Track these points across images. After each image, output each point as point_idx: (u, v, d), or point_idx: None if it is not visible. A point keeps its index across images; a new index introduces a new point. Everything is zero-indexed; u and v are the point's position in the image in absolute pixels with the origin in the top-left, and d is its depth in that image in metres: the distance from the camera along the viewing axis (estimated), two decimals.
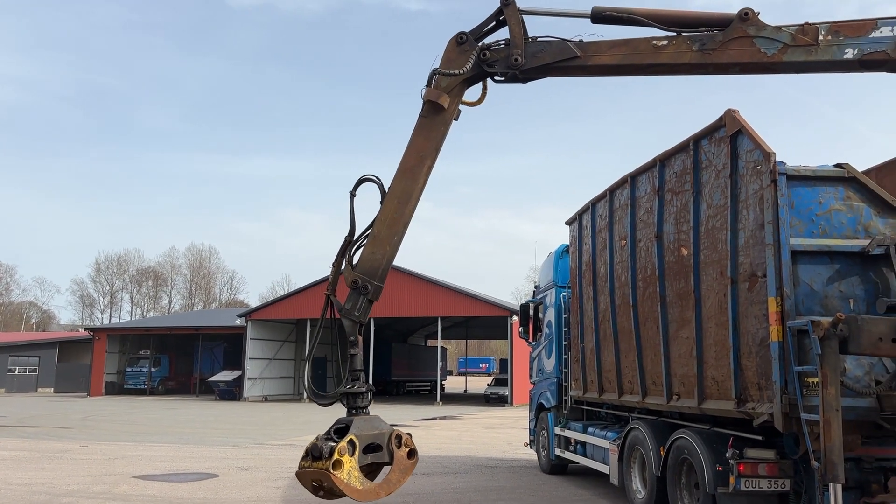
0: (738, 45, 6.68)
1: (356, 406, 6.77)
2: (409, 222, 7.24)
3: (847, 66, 6.54)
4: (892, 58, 6.33)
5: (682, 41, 6.84)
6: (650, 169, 8.90)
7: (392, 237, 7.09)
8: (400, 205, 7.12)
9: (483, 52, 7.15)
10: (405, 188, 7.14)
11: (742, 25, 6.66)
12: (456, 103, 7.26)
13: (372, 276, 6.98)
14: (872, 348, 5.28)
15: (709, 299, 7.42)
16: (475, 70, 7.18)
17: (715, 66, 6.82)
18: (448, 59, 7.23)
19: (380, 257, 7.06)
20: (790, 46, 6.56)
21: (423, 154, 7.19)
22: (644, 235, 9.05)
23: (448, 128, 7.29)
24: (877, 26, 6.41)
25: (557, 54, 7.05)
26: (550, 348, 13.41)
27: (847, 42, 6.44)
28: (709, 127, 7.47)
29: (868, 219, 6.41)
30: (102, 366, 49.05)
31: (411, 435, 6.95)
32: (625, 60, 6.97)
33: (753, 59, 6.67)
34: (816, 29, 6.52)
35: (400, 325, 52.90)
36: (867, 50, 6.39)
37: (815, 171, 6.50)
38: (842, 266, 6.30)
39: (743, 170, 6.84)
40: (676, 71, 7.09)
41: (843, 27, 6.49)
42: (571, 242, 12.35)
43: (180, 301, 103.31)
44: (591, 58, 7.04)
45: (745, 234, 6.77)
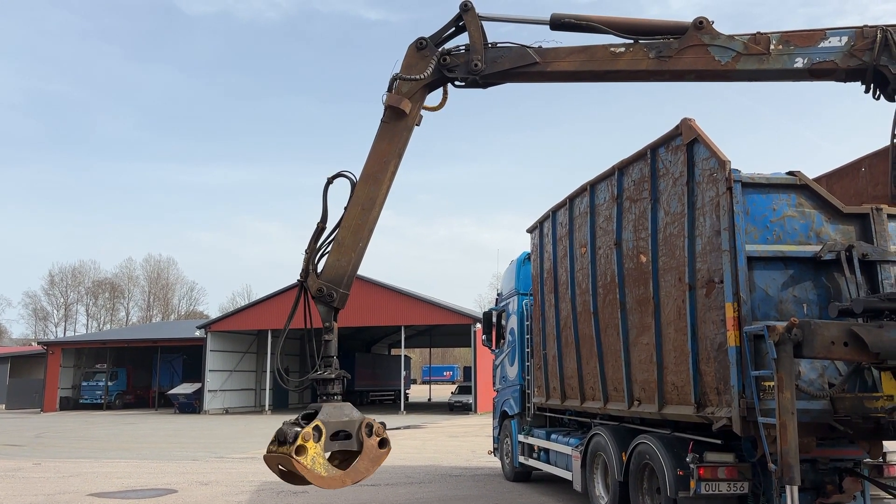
0: (693, 53, 6.80)
1: (327, 392, 6.73)
2: (374, 228, 7.24)
3: (797, 74, 6.69)
4: (839, 67, 6.50)
5: (639, 48, 6.94)
6: (609, 177, 8.99)
7: (357, 244, 7.09)
8: (364, 211, 7.12)
9: (443, 58, 7.18)
10: (369, 194, 7.14)
11: (697, 34, 6.78)
12: (417, 108, 7.27)
13: (337, 284, 6.97)
14: (826, 352, 5.38)
15: (668, 305, 7.51)
16: (436, 75, 7.20)
17: (671, 73, 6.93)
18: (408, 65, 7.24)
19: (345, 264, 7.04)
20: (743, 55, 6.70)
21: (386, 159, 7.19)
22: (604, 243, 9.13)
23: (410, 133, 7.30)
24: (825, 37, 6.58)
25: (517, 60, 7.11)
26: (513, 356, 13.44)
27: (797, 51, 6.60)
28: (665, 136, 7.57)
29: (820, 225, 6.56)
30: (57, 380, 47.70)
31: (384, 424, 6.84)
32: (583, 67, 7.04)
33: (708, 67, 6.80)
34: (768, 38, 6.67)
35: (363, 334, 52.59)
36: (816, 59, 6.55)
37: (769, 179, 6.63)
38: (795, 271, 6.43)
39: (699, 177, 6.95)
40: (634, 77, 7.18)
41: (793, 37, 6.64)
42: (533, 250, 12.41)
43: (138, 313, 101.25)
44: (549, 64, 7.09)
45: (702, 240, 6.87)
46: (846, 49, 6.55)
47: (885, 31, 6.39)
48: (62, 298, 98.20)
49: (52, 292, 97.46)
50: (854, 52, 6.51)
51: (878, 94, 6.80)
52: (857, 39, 6.55)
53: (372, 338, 57.32)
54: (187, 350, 49.43)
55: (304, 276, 7.07)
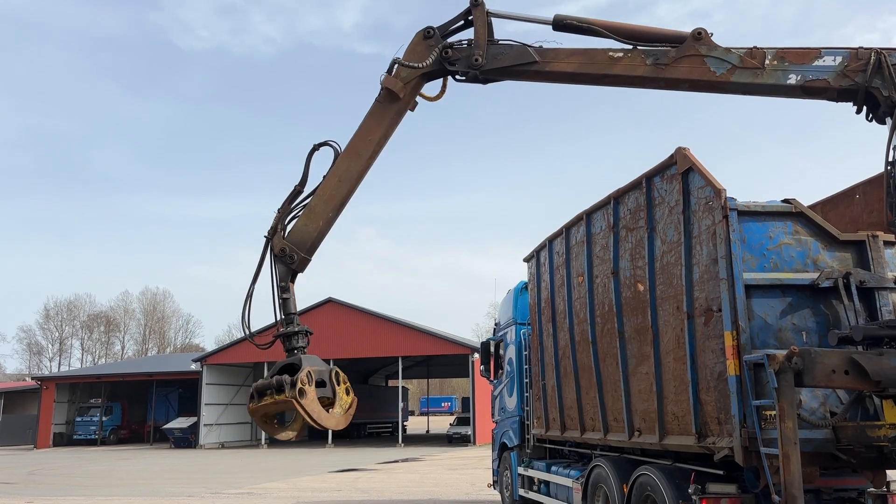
0: (689, 63, 6.85)
1: (294, 347, 7.03)
2: (347, 203, 7.41)
3: (790, 91, 6.72)
4: (832, 86, 6.53)
5: (636, 54, 7.00)
6: (605, 206, 9.01)
7: (327, 213, 7.26)
8: (340, 183, 7.29)
9: (445, 50, 7.29)
10: (348, 168, 7.31)
11: (695, 44, 6.84)
12: (413, 95, 7.40)
13: (300, 248, 7.15)
14: (826, 380, 5.34)
15: (666, 334, 7.47)
16: (436, 66, 7.30)
17: (666, 80, 6.97)
18: (412, 51, 7.36)
19: (311, 231, 7.22)
20: (738, 68, 6.74)
21: (371, 138, 7.35)
22: (601, 272, 9.12)
23: (401, 117, 7.44)
24: (820, 55, 6.62)
25: (517, 58, 7.20)
26: (512, 386, 13.34)
27: (791, 68, 6.64)
28: (660, 164, 7.61)
29: (816, 252, 6.56)
30: (50, 416, 47.20)
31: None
32: (581, 69, 7.12)
33: (703, 77, 6.84)
34: (764, 53, 6.71)
35: (360, 365, 52.23)
36: (809, 77, 6.59)
37: (765, 207, 6.64)
38: (794, 299, 6.41)
39: (695, 206, 6.96)
40: (630, 83, 7.21)
41: (788, 53, 6.69)
42: (530, 279, 12.38)
43: (133, 346, 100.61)
44: (548, 64, 7.17)
45: (700, 269, 6.86)
46: (840, 69, 6.58)
47: (880, 54, 6.43)
48: (57, 332, 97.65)
49: (47, 326, 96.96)
50: (847, 73, 6.54)
51: (870, 116, 6.83)
52: (851, 60, 6.58)
53: (369, 369, 56.93)
54: (183, 383, 49.01)
55: (271, 234, 7.27)
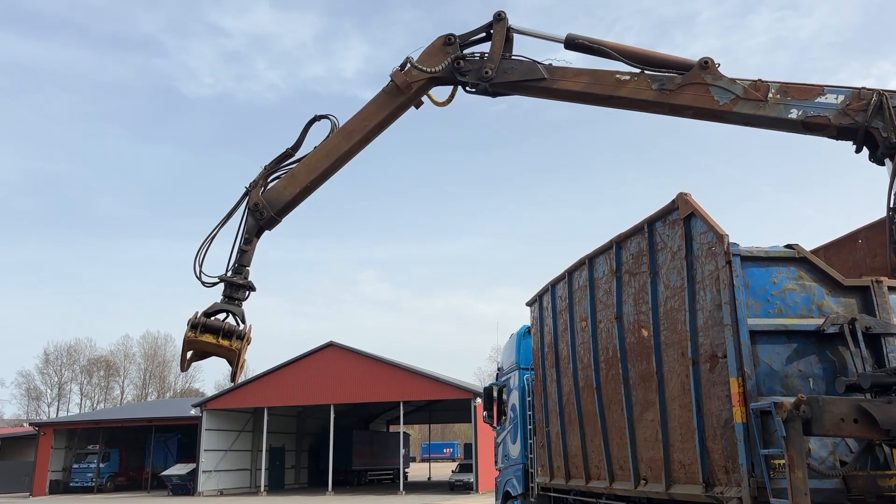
0: (693, 91, 6.90)
1: (234, 296, 7.46)
2: (328, 178, 7.69)
3: (791, 125, 6.74)
4: (832, 124, 6.55)
5: (643, 78, 7.05)
6: (607, 251, 9.01)
7: (306, 181, 7.57)
8: (326, 157, 7.59)
9: (457, 61, 7.44)
10: (337, 145, 7.61)
11: (701, 73, 6.90)
12: (419, 95, 7.60)
13: (272, 207, 7.49)
14: (835, 429, 5.26)
15: (671, 381, 7.40)
16: (445, 73, 7.46)
17: (670, 106, 7.01)
18: (428, 54, 7.53)
19: (287, 194, 7.55)
20: (741, 99, 6.78)
21: (367, 123, 7.59)
22: (604, 317, 9.07)
23: (402, 112, 7.66)
24: (823, 93, 6.66)
25: (526, 73, 7.33)
26: (515, 433, 13.16)
27: (794, 103, 6.67)
28: (662, 210, 7.63)
29: (821, 298, 6.53)
30: (47, 463, 46.54)
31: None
32: (588, 89, 7.20)
33: (706, 106, 6.88)
34: (768, 86, 6.76)
35: (361, 410, 51.71)
36: (811, 113, 6.62)
37: (768, 252, 6.63)
38: (799, 345, 6.35)
39: (698, 251, 6.96)
40: (634, 106, 7.27)
41: (792, 88, 6.72)
42: (533, 324, 12.32)
43: (133, 391, 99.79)
44: (556, 81, 7.27)
45: (704, 314, 6.82)
46: (841, 107, 6.61)
47: (882, 95, 6.45)
48: (56, 377, 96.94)
49: (47, 371, 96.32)
50: (848, 111, 6.56)
51: (872, 157, 6.83)
52: (853, 99, 6.61)
53: (369, 414, 56.31)
54: (182, 429, 48.43)
55: (251, 187, 7.60)
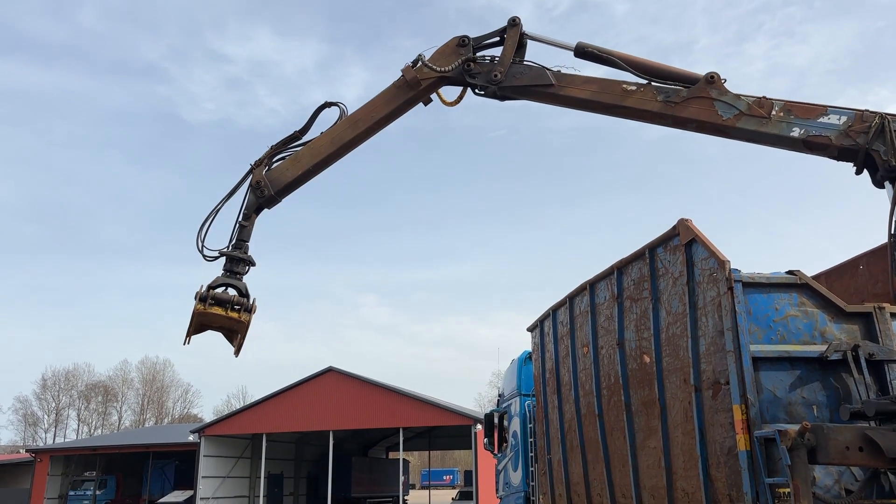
0: (698, 104, 6.94)
1: (234, 270, 7.65)
2: (330, 164, 7.88)
3: (792, 143, 6.75)
4: (833, 144, 6.56)
5: (649, 90, 7.11)
6: (608, 276, 9.00)
7: (308, 165, 7.79)
8: (331, 143, 7.79)
9: (468, 63, 7.56)
10: (342, 133, 7.80)
11: (706, 87, 6.95)
12: (428, 92, 7.76)
13: (274, 186, 7.73)
14: (840, 457, 5.21)
15: (674, 407, 7.35)
16: (455, 74, 7.59)
17: (674, 118, 7.05)
18: (440, 54, 7.67)
19: (289, 175, 7.77)
20: (745, 115, 6.81)
21: (374, 115, 7.75)
22: (606, 342, 9.04)
23: (409, 107, 7.84)
24: (826, 113, 6.67)
25: (535, 79, 7.41)
26: (517, 460, 13.05)
27: (796, 121, 6.70)
28: (663, 236, 7.64)
29: (823, 324, 6.51)
30: (43, 490, 46.01)
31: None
32: (594, 97, 7.26)
33: (709, 120, 6.92)
34: (772, 104, 6.79)
35: (360, 437, 51.31)
36: (813, 132, 6.63)
37: (770, 279, 6.63)
38: (802, 372, 6.33)
39: (699, 277, 6.95)
40: (639, 117, 7.30)
41: (795, 107, 6.75)
42: (534, 349, 12.27)
43: (131, 417, 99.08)
44: (564, 88, 7.35)
45: (706, 341, 6.80)
46: (843, 128, 6.61)
47: (885, 118, 6.47)
48: (53, 403, 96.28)
49: (44, 396, 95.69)
50: (850, 133, 6.56)
51: (872, 179, 6.83)
52: (855, 121, 6.63)
53: (369, 440, 55.87)
54: (180, 455, 47.99)
55: (255, 164, 7.84)
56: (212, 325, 7.58)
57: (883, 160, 6.47)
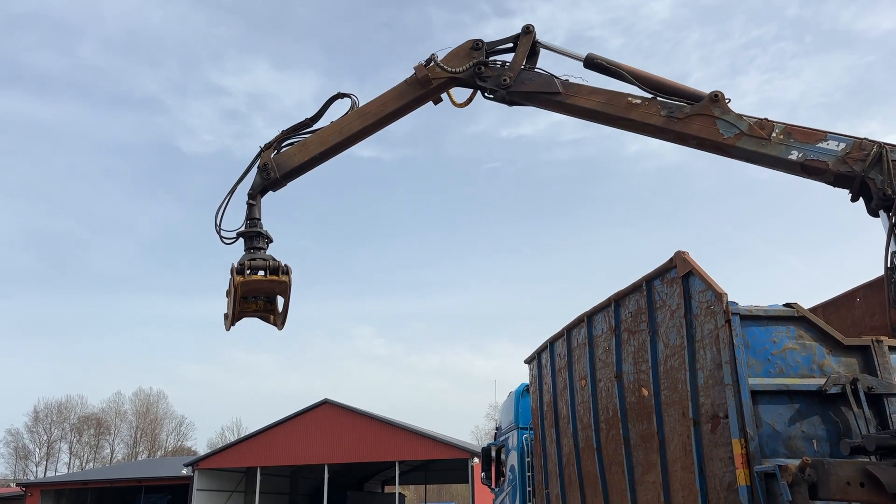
0: (700, 122, 7.01)
1: (255, 246, 7.82)
2: (336, 152, 8.11)
3: (790, 166, 6.79)
4: (830, 169, 6.59)
5: (654, 104, 7.20)
6: (605, 308, 8.99)
7: (315, 152, 7.98)
8: (339, 133, 7.99)
9: (479, 66, 7.72)
10: (351, 124, 7.98)
11: (710, 105, 7.03)
12: (438, 91, 7.97)
13: (280, 169, 7.95)
14: (842, 493, 5.16)
15: (672, 441, 7.29)
16: (466, 76, 7.77)
17: (676, 134, 7.13)
18: (454, 55, 7.85)
19: (296, 160, 7.98)
20: (745, 135, 6.87)
21: (384, 109, 7.94)
22: (604, 375, 8.99)
23: (419, 104, 8.04)
24: (825, 138, 6.72)
25: (543, 86, 7.56)
26: (514, 495, 12.89)
27: (795, 145, 6.74)
28: (660, 268, 7.64)
29: (822, 357, 6.49)
30: None
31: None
32: (599, 108, 7.37)
33: (710, 137, 6.98)
34: (773, 126, 6.85)
35: (355, 470, 50.68)
36: (811, 156, 6.67)
37: (767, 311, 6.62)
38: (802, 406, 6.29)
39: (697, 310, 6.95)
40: (642, 130, 7.40)
41: (795, 131, 6.80)
42: (531, 382, 12.20)
43: (124, 450, 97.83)
44: (570, 97, 7.47)
45: (704, 374, 6.77)
46: (841, 154, 6.65)
47: (883, 147, 6.51)
48: (45, 435, 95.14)
49: (36, 429, 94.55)
50: (847, 159, 6.59)
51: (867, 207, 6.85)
52: (853, 148, 6.66)
53: (364, 474, 55.20)
54: (173, 489, 47.30)
55: (265, 147, 8.07)
56: (255, 291, 7.69)
57: (878, 189, 6.50)
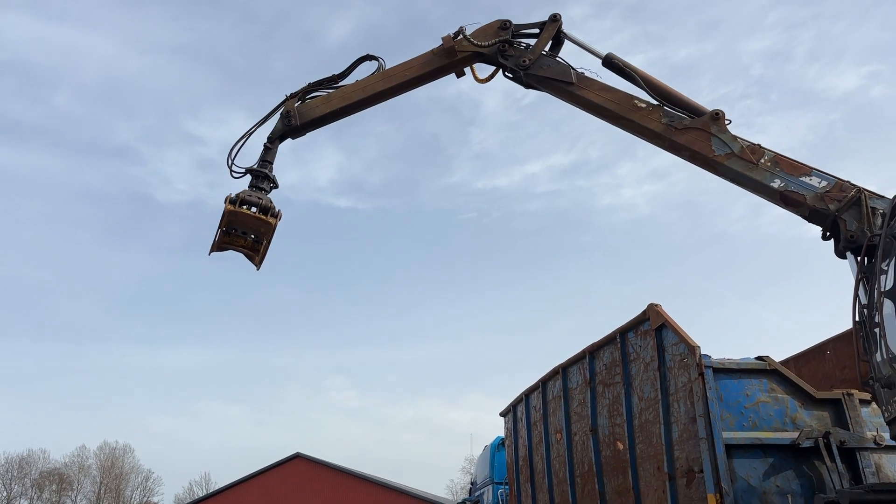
0: (696, 135, 7.27)
1: (259, 186, 8.19)
2: (357, 109, 8.65)
3: (770, 194, 6.98)
4: (807, 203, 6.74)
5: (657, 111, 7.47)
6: (580, 360, 8.98)
7: (338, 105, 8.49)
8: (362, 90, 8.46)
9: (503, 44, 8.12)
10: (374, 84, 8.45)
11: (709, 122, 7.28)
12: (462, 65, 8.39)
13: (302, 118, 8.43)
14: None
15: (648, 496, 7.22)
16: (490, 52, 8.18)
17: (671, 143, 7.38)
18: (482, 32, 8.27)
19: (318, 111, 8.47)
20: (735, 156, 7.08)
21: (408, 74, 8.38)
22: (579, 428, 8.93)
23: (442, 74, 8.49)
24: (809, 174, 6.91)
25: (558, 73, 7.90)
26: None
27: (780, 174, 6.94)
28: (634, 320, 7.69)
29: (794, 411, 6.52)
30: None
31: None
32: (606, 104, 7.68)
33: (702, 152, 7.22)
34: (763, 153, 7.06)
35: None
36: (791, 188, 6.85)
37: (740, 364, 6.66)
38: (775, 460, 6.28)
39: (670, 362, 6.97)
40: (640, 133, 7.67)
41: (783, 161, 7.01)
42: (507, 435, 12.07)
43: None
44: (581, 90, 7.77)
45: (679, 427, 6.75)
46: (821, 191, 6.82)
47: (862, 192, 6.68)
48: (4, 492, 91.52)
49: None
50: (825, 197, 6.77)
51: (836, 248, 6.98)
52: (834, 188, 6.83)
53: None
54: None
55: (290, 96, 8.54)
56: (240, 224, 8.04)
57: (847, 230, 6.65)
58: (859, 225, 6.47)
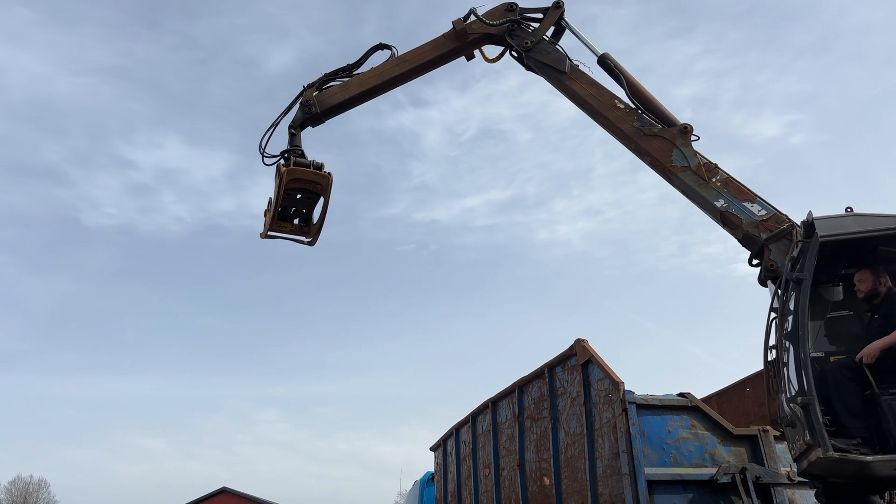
0: (660, 144, 7.53)
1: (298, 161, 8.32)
2: (374, 95, 8.93)
3: (712, 211, 7.23)
4: (742, 227, 6.96)
5: (632, 114, 7.76)
6: (510, 394, 9.00)
7: (356, 92, 8.72)
8: (378, 76, 8.75)
9: (512, 24, 8.52)
10: (391, 69, 8.76)
11: (676, 133, 7.52)
12: (472, 46, 8.76)
13: (321, 105, 8.66)
14: None
15: None
16: (500, 32, 8.57)
17: (637, 146, 7.66)
18: (491, 13, 8.65)
19: (337, 98, 8.71)
20: (690, 170, 7.32)
21: (421, 58, 8.75)
22: (507, 464, 8.91)
23: (453, 57, 8.83)
24: (753, 200, 7.17)
25: (554, 61, 8.25)
26: None
27: (725, 195, 7.19)
28: (561, 355, 7.76)
29: (713, 447, 6.66)
30: None
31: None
32: (588, 98, 7.99)
33: (661, 160, 7.49)
34: (717, 172, 7.31)
35: None
36: (731, 210, 7.10)
37: (662, 401, 6.78)
38: (695, 495, 6.38)
39: (595, 398, 7.04)
40: (611, 131, 7.95)
41: (732, 184, 7.25)
42: (437, 470, 11.96)
43: None
44: (571, 80, 8.08)
45: (603, 463, 6.81)
46: (757, 218, 7.07)
47: (794, 226, 6.94)
48: None
49: None
50: (760, 225, 7.02)
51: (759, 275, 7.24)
52: (771, 218, 7.10)
53: None
54: None
55: (308, 86, 8.80)
56: (300, 183, 8.14)
57: (767, 259, 6.90)
58: (782, 259, 6.72)
